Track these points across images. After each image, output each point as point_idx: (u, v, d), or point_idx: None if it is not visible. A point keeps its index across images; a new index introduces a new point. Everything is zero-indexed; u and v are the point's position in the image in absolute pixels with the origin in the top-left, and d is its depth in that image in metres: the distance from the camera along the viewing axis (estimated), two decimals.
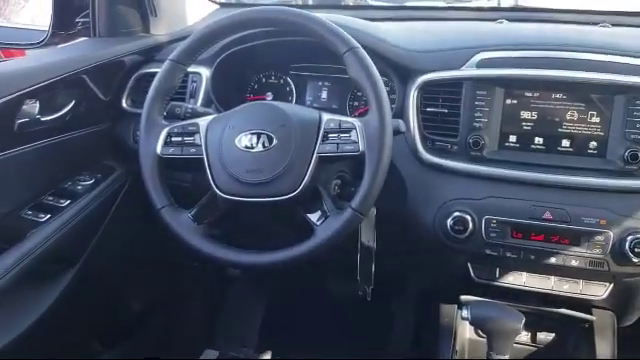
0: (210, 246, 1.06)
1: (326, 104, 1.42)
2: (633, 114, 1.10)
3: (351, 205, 0.99)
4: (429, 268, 1.33)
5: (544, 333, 1.31)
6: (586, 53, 1.14)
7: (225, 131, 1.05)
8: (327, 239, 1.00)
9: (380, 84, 1.00)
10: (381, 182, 0.99)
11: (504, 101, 1.17)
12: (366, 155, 0.99)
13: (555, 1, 1.77)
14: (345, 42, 1.02)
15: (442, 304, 1.33)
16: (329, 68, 1.38)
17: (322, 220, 1.02)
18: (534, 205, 1.13)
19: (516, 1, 2.38)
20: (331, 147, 1.01)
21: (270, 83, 1.46)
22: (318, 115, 1.04)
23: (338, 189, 1.11)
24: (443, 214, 1.17)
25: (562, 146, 1.16)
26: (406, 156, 1.22)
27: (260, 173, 1.01)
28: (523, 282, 1.19)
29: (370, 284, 1.23)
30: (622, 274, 1.11)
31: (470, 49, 1.20)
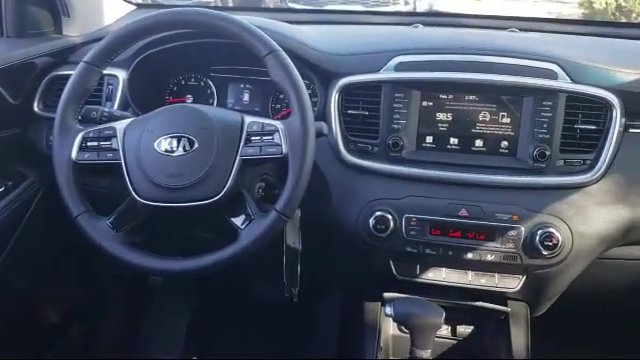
0: (130, 253, 1.03)
1: (248, 106, 1.41)
2: (540, 115, 1.16)
3: (275, 208, 0.99)
4: (353, 267, 1.35)
5: (463, 326, 1.36)
6: (496, 57, 1.20)
7: (144, 135, 1.02)
8: (252, 242, 0.99)
9: (302, 87, 1.01)
10: (305, 184, 1.00)
11: (420, 103, 1.21)
12: (289, 157, 0.99)
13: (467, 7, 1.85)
14: (266, 45, 1.02)
15: (366, 302, 1.36)
16: (251, 70, 1.38)
17: (246, 224, 1.01)
18: (451, 203, 1.17)
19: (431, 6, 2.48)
20: (254, 150, 1.01)
21: (190, 85, 1.44)
22: (240, 117, 1.04)
23: (262, 192, 1.11)
24: (366, 214, 1.19)
25: (476, 146, 1.21)
26: (329, 158, 1.24)
27: (181, 177, 0.99)
28: (443, 277, 1.23)
29: (296, 285, 1.23)
30: (534, 266, 1.17)
31: (388, 53, 1.23)
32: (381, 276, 1.27)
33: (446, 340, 1.36)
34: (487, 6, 11.02)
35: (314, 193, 1.07)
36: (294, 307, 1.29)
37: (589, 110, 1.16)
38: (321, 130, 1.06)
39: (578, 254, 1.15)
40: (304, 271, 1.20)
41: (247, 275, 1.65)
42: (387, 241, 1.19)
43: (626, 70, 1.19)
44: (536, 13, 9.64)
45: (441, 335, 1.34)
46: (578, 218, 1.14)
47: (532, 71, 1.17)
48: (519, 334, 1.28)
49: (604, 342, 1.72)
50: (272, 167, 1.11)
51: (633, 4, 10.02)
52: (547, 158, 1.15)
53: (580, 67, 1.18)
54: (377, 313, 1.34)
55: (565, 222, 1.14)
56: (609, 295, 1.39)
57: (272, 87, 1.35)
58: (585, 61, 1.20)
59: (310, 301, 1.61)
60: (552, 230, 1.12)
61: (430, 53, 1.22)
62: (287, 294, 1.24)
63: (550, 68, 1.17)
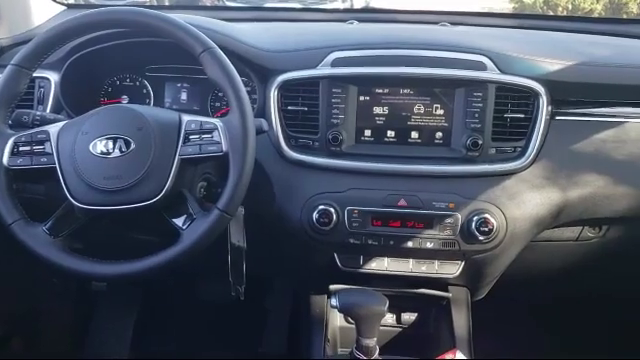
0: (69, 259, 1.01)
1: (186, 106, 1.40)
2: (472, 105, 1.20)
3: (217, 206, 0.99)
4: (298, 261, 1.37)
5: (408, 313, 1.39)
6: (428, 50, 1.23)
7: (78, 137, 1.00)
8: (194, 242, 0.99)
9: (239, 83, 1.01)
10: (247, 181, 1.00)
11: (358, 98, 1.23)
12: (230, 155, 0.99)
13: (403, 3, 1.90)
14: (201, 42, 1.02)
15: (313, 295, 1.37)
16: (187, 69, 1.37)
17: (188, 224, 1.01)
18: (390, 194, 1.20)
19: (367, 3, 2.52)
20: (193, 149, 1.00)
21: (125, 86, 1.41)
22: (178, 116, 1.03)
23: (204, 191, 1.11)
24: (309, 208, 1.21)
25: (412, 138, 1.24)
26: (271, 154, 1.25)
27: (119, 179, 0.98)
28: (385, 267, 1.26)
29: (242, 283, 1.23)
30: (471, 252, 1.21)
31: (324, 49, 1.25)
32: (326, 269, 1.29)
33: (391, 328, 1.39)
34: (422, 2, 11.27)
35: (257, 190, 1.07)
36: (242, 305, 1.29)
37: (517, 99, 1.21)
38: (261, 127, 1.07)
39: (513, 238, 1.20)
40: (250, 268, 1.21)
41: (193, 275, 1.64)
42: (331, 234, 1.20)
43: (551, 60, 1.25)
44: (468, 8, 9.90)
45: (386, 323, 1.37)
46: (511, 203, 1.19)
47: (462, 63, 1.21)
48: (461, 318, 1.32)
49: (541, 323, 1.80)
50: (213, 166, 1.11)
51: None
52: (480, 147, 1.20)
53: (508, 58, 1.23)
54: (324, 306, 1.35)
55: (499, 208, 1.19)
56: (544, 276, 1.46)
57: (210, 85, 1.34)
58: (513, 52, 1.25)
59: (258, 298, 1.62)
60: (487, 216, 1.16)
61: (365, 48, 1.24)
62: (233, 293, 1.24)
63: (479, 60, 1.21)
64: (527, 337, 1.75)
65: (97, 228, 1.17)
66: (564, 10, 10.14)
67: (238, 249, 1.19)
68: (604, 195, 1.22)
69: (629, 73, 1.29)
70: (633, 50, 1.49)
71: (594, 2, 10.38)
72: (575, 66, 1.26)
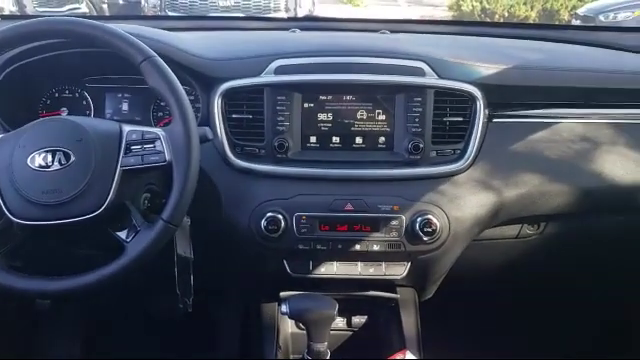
0: (8, 277, 0.98)
1: (128, 116, 1.38)
2: (412, 110, 1.24)
3: (162, 217, 0.98)
4: (248, 270, 1.36)
5: (358, 317, 1.41)
6: (368, 57, 1.26)
7: (15, 151, 0.97)
8: (139, 255, 0.98)
9: (181, 92, 1.00)
10: (191, 190, 0.99)
11: (302, 105, 1.24)
12: (173, 164, 0.99)
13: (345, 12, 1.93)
14: (140, 51, 1.01)
15: (263, 304, 1.37)
16: (128, 79, 1.35)
17: (132, 236, 0.99)
18: (337, 199, 1.22)
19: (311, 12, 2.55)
20: (135, 159, 0.99)
21: (64, 98, 1.38)
22: (118, 127, 1.02)
23: (148, 203, 1.09)
24: (257, 216, 1.21)
25: (356, 143, 1.26)
26: (216, 163, 1.24)
27: (59, 193, 0.95)
28: (334, 271, 1.27)
29: (190, 295, 1.22)
30: (416, 252, 1.24)
31: (267, 57, 1.26)
32: (276, 276, 1.29)
33: (342, 332, 1.40)
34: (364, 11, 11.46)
35: (203, 199, 1.07)
36: (192, 317, 1.27)
37: (455, 103, 1.25)
38: (205, 135, 1.06)
39: (455, 238, 1.24)
40: (199, 279, 1.20)
41: (141, 289, 1.60)
42: (279, 241, 1.21)
43: (486, 65, 1.29)
44: (409, 17, 10.16)
45: (337, 327, 1.39)
46: (453, 204, 1.23)
47: (402, 70, 1.24)
48: (409, 319, 1.35)
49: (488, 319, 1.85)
50: (157, 176, 1.09)
51: (496, 6, 10.83)
52: (421, 150, 1.23)
53: (445, 64, 1.26)
54: (274, 313, 1.35)
55: (442, 208, 1.22)
56: (488, 274, 1.50)
57: (152, 95, 1.33)
58: (450, 58, 1.29)
59: (208, 309, 1.60)
60: (430, 217, 1.19)
61: (307, 56, 1.26)
62: (181, 305, 1.22)
63: (418, 66, 1.25)
64: (476, 334, 1.80)
65: (37, 244, 1.13)
66: (501, 17, 10.49)
67: (185, 260, 1.18)
68: (540, 193, 1.27)
69: (559, 76, 1.35)
70: (563, 54, 1.57)
71: (528, 10, 10.79)
72: (509, 70, 1.31)
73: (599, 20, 7.55)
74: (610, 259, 1.51)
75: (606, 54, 1.59)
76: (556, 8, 10.66)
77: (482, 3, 10.97)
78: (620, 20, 7.35)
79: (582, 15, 8.41)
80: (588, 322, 1.85)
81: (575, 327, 1.85)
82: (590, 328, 1.87)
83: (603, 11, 8.01)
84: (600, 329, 1.87)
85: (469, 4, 11.05)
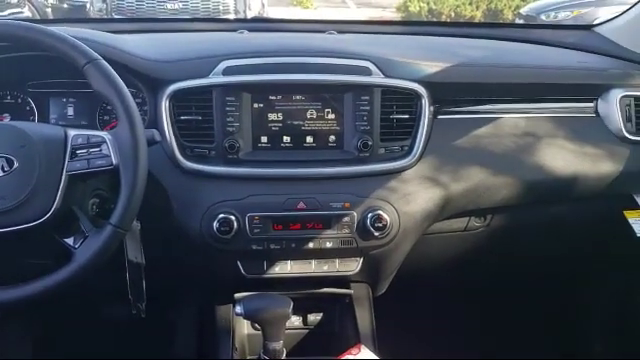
0: None
1: (74, 121, 1.34)
2: (360, 109, 1.25)
3: (110, 221, 0.97)
4: (202, 273, 1.35)
5: (313, 314, 1.42)
6: (316, 57, 1.27)
7: None
8: (88, 261, 0.96)
9: (126, 94, 0.99)
10: (140, 194, 0.98)
11: (252, 105, 1.24)
12: (121, 168, 0.97)
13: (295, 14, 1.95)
14: (84, 54, 0.99)
15: (218, 306, 1.36)
16: (72, 83, 1.31)
17: (80, 242, 0.97)
18: (289, 198, 1.23)
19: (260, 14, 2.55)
20: (81, 164, 0.97)
21: (6, 103, 1.33)
22: (63, 131, 1.00)
23: (96, 208, 1.07)
24: (209, 218, 1.20)
25: (307, 142, 1.27)
26: (166, 166, 1.23)
27: (2, 200, 0.93)
28: (289, 270, 1.28)
29: (143, 301, 1.20)
30: (368, 248, 1.26)
31: (215, 58, 1.25)
32: (230, 278, 1.29)
33: (298, 330, 1.41)
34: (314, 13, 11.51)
35: (153, 203, 1.06)
36: (146, 322, 1.26)
37: (402, 101, 1.28)
38: (153, 138, 1.05)
39: (405, 232, 1.26)
40: (153, 283, 1.18)
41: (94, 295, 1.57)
42: (233, 242, 1.21)
43: (430, 63, 1.33)
44: (358, 18, 10.28)
45: (293, 326, 1.39)
46: (402, 199, 1.25)
47: (348, 69, 1.26)
48: (364, 314, 1.37)
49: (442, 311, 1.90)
50: (105, 181, 1.07)
51: (442, 7, 11.07)
52: (370, 148, 1.25)
53: (391, 63, 1.29)
54: (229, 315, 1.35)
55: (391, 204, 1.24)
56: (438, 267, 1.54)
57: (98, 99, 1.30)
58: (395, 57, 1.31)
59: (162, 313, 1.58)
60: (381, 212, 1.22)
61: (255, 56, 1.26)
62: (134, 311, 1.21)
63: (364, 65, 1.27)
64: (429, 327, 1.84)
65: None
66: (447, 18, 10.73)
67: (136, 265, 1.16)
68: (485, 187, 1.31)
69: (501, 72, 1.41)
70: (505, 51, 1.62)
71: (474, 10, 11.07)
72: (453, 67, 1.35)
73: (540, 19, 7.80)
74: (555, 248, 1.57)
75: (545, 51, 1.65)
76: (500, 8, 10.98)
77: (429, 4, 11.19)
78: (560, 19, 7.62)
79: (525, 14, 8.67)
80: (539, 311, 1.92)
81: (526, 317, 1.91)
82: (540, 317, 1.93)
83: (544, 10, 8.29)
84: (550, 318, 1.94)
85: (416, 5, 11.25)
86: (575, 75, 1.46)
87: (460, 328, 1.88)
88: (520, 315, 1.90)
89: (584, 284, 1.84)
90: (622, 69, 1.48)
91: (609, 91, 1.41)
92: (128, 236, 1.08)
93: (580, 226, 1.49)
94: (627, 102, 1.40)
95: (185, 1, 7.21)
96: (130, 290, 1.17)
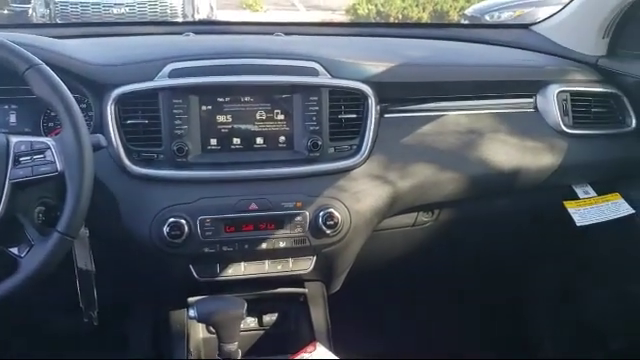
0: None
1: (17, 128, 1.31)
2: (309, 109, 1.27)
3: (57, 229, 0.95)
4: (154, 278, 1.34)
5: (269, 315, 1.42)
6: (265, 59, 1.28)
7: None
8: (35, 270, 0.94)
9: (69, 99, 0.98)
10: (87, 200, 0.97)
11: (200, 108, 1.24)
12: (66, 174, 0.96)
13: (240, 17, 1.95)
14: (24, 60, 0.97)
15: (172, 311, 1.35)
16: (14, 89, 1.28)
17: (26, 251, 0.95)
18: (241, 199, 1.22)
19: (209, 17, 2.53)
20: (25, 171, 0.95)
21: None
22: (5, 138, 0.97)
23: (43, 216, 1.05)
24: (158, 222, 1.19)
25: (257, 143, 1.27)
26: (113, 171, 1.21)
27: None
28: (242, 271, 1.28)
29: (94, 309, 1.18)
30: (321, 246, 1.27)
31: (161, 60, 1.24)
32: (183, 282, 1.28)
33: (254, 332, 1.41)
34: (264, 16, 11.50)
35: (101, 209, 1.05)
36: (99, 330, 1.24)
37: (349, 101, 1.30)
38: (99, 143, 1.04)
39: (356, 229, 1.28)
40: (104, 290, 1.16)
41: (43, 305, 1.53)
42: (184, 246, 1.20)
43: (377, 63, 1.35)
44: (299, 19, 10.34)
45: (249, 327, 1.39)
46: (352, 197, 1.27)
47: (295, 70, 1.27)
48: (318, 312, 1.38)
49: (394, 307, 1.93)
50: (50, 188, 1.05)
51: (390, 9, 11.24)
52: (320, 147, 1.26)
53: (337, 64, 1.31)
54: (183, 319, 1.34)
55: (342, 202, 1.26)
56: (390, 262, 1.57)
57: (41, 105, 1.27)
58: (342, 58, 1.33)
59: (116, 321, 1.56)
60: (332, 211, 1.23)
61: (202, 59, 1.26)
62: (86, 319, 1.19)
63: (311, 66, 1.28)
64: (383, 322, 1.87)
65: None
66: (395, 19, 10.90)
67: (86, 273, 1.14)
68: (432, 182, 1.35)
69: (444, 71, 1.45)
70: (449, 51, 1.67)
71: (421, 12, 11.28)
72: (398, 67, 1.38)
73: (485, 20, 8.01)
74: (500, 239, 1.62)
75: (486, 49, 1.71)
76: (446, 10, 11.23)
77: (377, 7, 11.35)
78: (504, 19, 7.84)
79: (469, 15, 8.90)
80: (487, 302, 1.98)
81: (476, 308, 1.97)
82: (489, 308, 1.99)
83: (488, 11, 8.53)
84: (498, 308, 2.00)
85: (365, 8, 11.39)
86: (514, 72, 1.52)
87: (412, 321, 1.92)
88: (470, 306, 1.96)
89: (528, 273, 1.91)
90: (558, 65, 1.56)
91: (547, 87, 1.47)
92: (76, 243, 1.06)
93: (523, 217, 1.55)
94: (564, 97, 1.47)
95: (132, 5, 7.10)
96: (81, 298, 1.15)
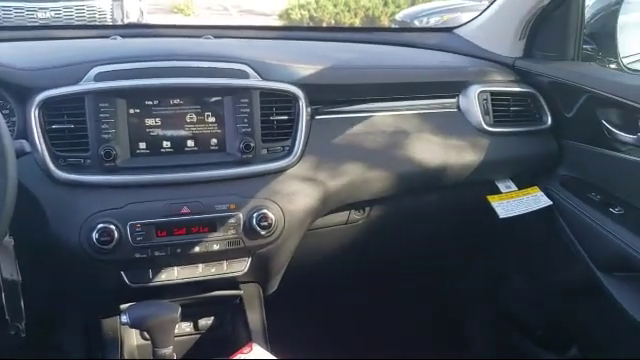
0: None
1: None
2: (240, 111, 1.28)
3: None
4: (84, 286, 1.30)
5: (204, 319, 1.41)
6: (192, 61, 1.28)
7: None
8: None
9: None
10: (10, 207, 0.94)
11: (128, 111, 1.22)
12: None
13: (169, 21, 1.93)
14: None
15: (104, 319, 1.33)
16: None
17: None
18: (172, 203, 1.21)
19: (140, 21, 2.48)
20: None
21: None
22: None
23: None
24: (87, 229, 1.16)
25: (188, 146, 1.27)
26: (38, 177, 1.17)
27: None
28: (176, 276, 1.27)
29: (22, 320, 1.14)
30: (255, 247, 1.28)
31: (86, 64, 1.22)
32: (115, 289, 1.25)
33: (189, 336, 1.40)
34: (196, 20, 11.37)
35: (26, 216, 1.01)
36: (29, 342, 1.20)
37: (280, 103, 1.32)
38: (22, 148, 1.02)
39: (290, 229, 1.30)
40: (33, 301, 1.13)
41: None
42: (114, 252, 1.18)
43: (306, 66, 1.38)
44: (229, 22, 10.29)
45: (184, 332, 1.38)
46: (285, 197, 1.29)
47: (225, 72, 1.28)
48: (254, 313, 1.39)
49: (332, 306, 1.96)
50: None
51: (323, 14, 11.37)
52: (252, 149, 1.27)
53: (267, 66, 1.32)
54: (116, 327, 1.32)
55: (276, 202, 1.27)
56: (326, 261, 1.60)
57: None
58: (272, 60, 1.35)
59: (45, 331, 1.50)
60: (265, 211, 1.24)
61: (129, 62, 1.24)
62: (12, 331, 1.14)
63: (242, 69, 1.29)
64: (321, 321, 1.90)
65: None
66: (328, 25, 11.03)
67: (12, 283, 1.10)
68: (362, 180, 1.38)
69: (371, 73, 1.49)
70: (377, 54, 1.72)
71: (353, 17, 11.47)
72: (327, 70, 1.41)
73: (414, 24, 8.25)
74: (428, 234, 1.68)
75: (412, 52, 1.77)
76: (377, 15, 11.47)
77: (310, 12, 11.46)
78: (432, 24, 8.10)
79: (400, 20, 9.15)
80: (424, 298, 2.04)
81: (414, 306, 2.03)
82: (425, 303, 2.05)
83: (418, 16, 8.80)
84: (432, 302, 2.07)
85: (298, 13, 11.48)
86: (437, 74, 1.58)
87: (349, 320, 1.96)
88: (405, 302, 2.02)
89: (458, 267, 1.98)
90: (479, 67, 1.63)
91: (468, 87, 1.54)
92: (1, 252, 1.03)
93: (449, 212, 1.62)
94: (484, 97, 1.54)
95: (57, 10, 6.84)
96: (6, 310, 1.11)
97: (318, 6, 11.48)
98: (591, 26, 1.63)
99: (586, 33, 1.61)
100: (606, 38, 1.60)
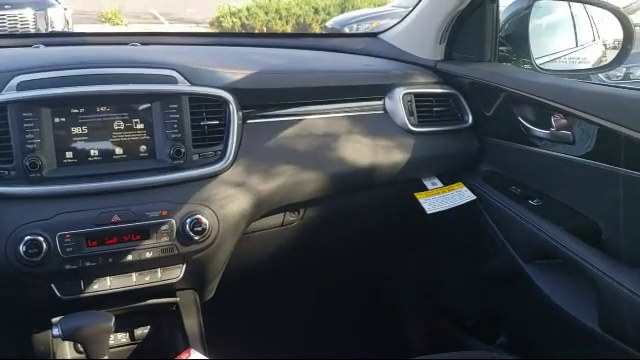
0: None
1: None
2: (169, 117, 1.27)
3: None
4: (13, 300, 1.26)
5: (140, 328, 1.39)
6: (117, 68, 1.27)
7: None
8: None
9: None
10: None
11: (53, 120, 1.20)
12: None
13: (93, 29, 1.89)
14: None
15: (36, 334, 1.29)
16: None
17: None
18: (102, 212, 1.19)
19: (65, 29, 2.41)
20: None
21: None
22: None
23: None
24: (14, 241, 1.13)
25: (116, 154, 1.25)
26: None
27: None
28: (109, 286, 1.25)
29: None
30: (190, 253, 1.27)
31: (7, 73, 1.19)
32: (45, 302, 1.22)
33: (126, 347, 1.38)
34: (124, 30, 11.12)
35: None
36: None
37: (211, 108, 1.32)
38: None
39: (225, 233, 1.30)
40: None
41: None
42: (43, 264, 1.15)
43: (235, 71, 1.39)
44: (157, 29, 10.15)
45: (120, 343, 1.36)
46: (219, 202, 1.29)
47: (152, 78, 1.27)
48: (191, 320, 1.38)
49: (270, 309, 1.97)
50: None
51: (254, 22, 11.37)
52: (183, 155, 1.27)
53: (195, 71, 1.33)
54: (48, 341, 1.28)
55: (209, 207, 1.27)
56: (263, 264, 1.61)
57: None
58: (200, 66, 1.35)
59: None
60: (199, 216, 1.24)
61: (52, 70, 1.22)
62: None
63: (169, 74, 1.29)
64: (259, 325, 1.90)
65: None
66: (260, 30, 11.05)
67: None
68: (295, 183, 1.41)
69: (299, 77, 1.53)
70: (304, 59, 1.76)
71: (284, 24, 11.54)
72: (256, 75, 1.43)
73: (344, 31, 8.40)
74: (361, 232, 1.73)
75: (338, 57, 1.82)
76: (308, 22, 11.59)
77: (241, 19, 11.43)
78: (362, 31, 8.27)
79: (330, 27, 9.27)
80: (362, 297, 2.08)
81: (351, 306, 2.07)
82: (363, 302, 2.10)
83: (348, 23, 8.97)
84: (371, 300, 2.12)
85: (229, 20, 11.43)
86: (363, 77, 1.64)
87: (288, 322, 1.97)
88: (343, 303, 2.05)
89: (389, 261, 2.04)
90: (402, 70, 1.70)
91: (393, 90, 1.60)
92: None
93: (380, 210, 1.67)
94: (409, 99, 1.60)
95: None
96: None
97: (250, 14, 11.49)
98: (506, 29, 1.73)
99: (501, 36, 1.71)
100: (520, 40, 1.70)
